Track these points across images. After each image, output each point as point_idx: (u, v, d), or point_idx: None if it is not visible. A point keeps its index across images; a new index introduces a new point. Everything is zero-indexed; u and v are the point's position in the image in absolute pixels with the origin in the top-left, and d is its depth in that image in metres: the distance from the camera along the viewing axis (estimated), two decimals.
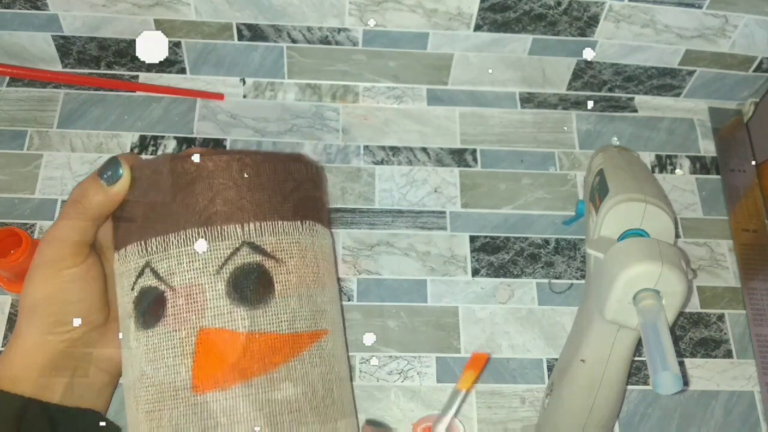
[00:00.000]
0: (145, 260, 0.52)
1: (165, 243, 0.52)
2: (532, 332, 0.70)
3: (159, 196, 0.53)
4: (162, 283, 0.52)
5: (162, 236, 0.52)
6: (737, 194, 0.79)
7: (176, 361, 0.50)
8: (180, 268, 0.51)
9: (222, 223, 0.52)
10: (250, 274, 0.52)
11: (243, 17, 0.74)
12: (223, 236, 0.52)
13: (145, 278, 0.52)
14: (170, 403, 0.50)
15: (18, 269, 0.63)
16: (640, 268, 0.52)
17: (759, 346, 0.71)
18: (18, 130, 0.76)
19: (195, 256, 0.52)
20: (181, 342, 0.50)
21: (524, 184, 0.77)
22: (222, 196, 0.53)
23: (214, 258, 0.52)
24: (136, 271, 0.53)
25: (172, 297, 0.51)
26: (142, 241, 0.53)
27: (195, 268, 0.51)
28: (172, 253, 0.52)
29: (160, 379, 0.51)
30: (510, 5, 0.73)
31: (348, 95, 0.81)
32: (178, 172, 0.53)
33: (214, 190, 0.53)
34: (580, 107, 0.83)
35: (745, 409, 0.69)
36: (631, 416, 0.68)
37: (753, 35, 0.75)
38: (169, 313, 0.51)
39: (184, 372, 0.50)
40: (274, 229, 0.53)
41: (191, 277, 0.51)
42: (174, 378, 0.50)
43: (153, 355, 0.51)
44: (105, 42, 0.76)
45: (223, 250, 0.52)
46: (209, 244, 0.52)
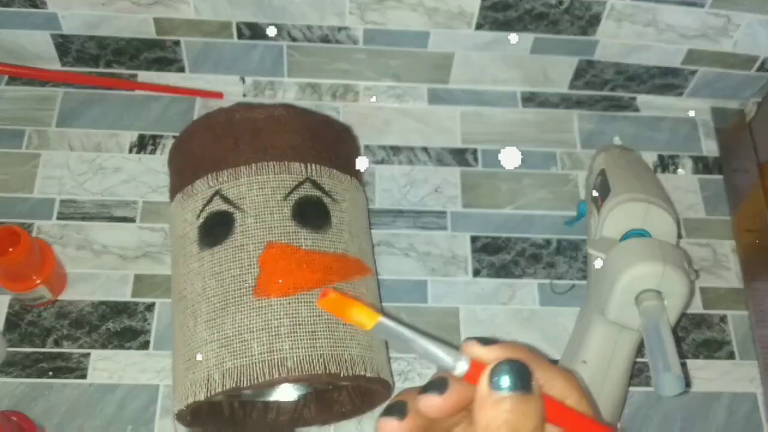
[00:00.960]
0: (214, 189, 0.59)
1: (236, 173, 0.59)
2: (533, 333, 0.70)
3: (230, 138, 0.60)
4: (231, 206, 0.58)
5: (233, 168, 0.59)
6: (740, 194, 0.79)
7: (243, 271, 0.56)
8: (251, 194, 0.58)
9: (289, 160, 0.60)
10: (312, 204, 0.59)
11: (242, 16, 0.73)
12: (290, 171, 0.59)
13: (213, 204, 0.58)
14: (233, 309, 0.55)
15: (16, 267, 0.63)
16: (642, 269, 0.52)
17: (762, 348, 0.71)
18: (16, 129, 0.76)
19: (265, 184, 0.58)
20: (248, 254, 0.56)
21: (525, 184, 0.77)
22: (288, 139, 0.60)
23: (281, 187, 0.59)
24: (204, 200, 0.59)
25: (241, 217, 0.57)
26: (213, 173, 0.59)
27: (264, 194, 0.58)
28: (243, 181, 0.58)
29: (225, 288, 0.56)
30: (511, 4, 0.72)
31: (348, 94, 0.81)
32: (250, 118, 0.61)
33: (282, 134, 0.61)
34: (581, 107, 0.82)
35: (747, 411, 0.68)
36: (633, 417, 0.67)
37: (756, 35, 0.75)
38: (238, 231, 0.57)
39: (250, 280, 0.55)
40: (330, 174, 0.61)
41: (261, 201, 0.58)
42: (239, 285, 0.56)
43: (219, 268, 0.56)
44: (104, 41, 0.76)
45: (289, 182, 0.59)
46: (277, 176, 0.59)
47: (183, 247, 0.59)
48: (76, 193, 0.73)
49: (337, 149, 0.64)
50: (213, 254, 0.57)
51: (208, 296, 0.56)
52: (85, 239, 0.71)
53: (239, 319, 0.54)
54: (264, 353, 0.53)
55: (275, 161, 0.59)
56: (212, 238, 0.58)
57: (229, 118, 0.61)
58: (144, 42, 0.76)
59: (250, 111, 0.61)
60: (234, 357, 0.53)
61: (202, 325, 0.55)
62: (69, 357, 0.66)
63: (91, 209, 0.72)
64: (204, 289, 0.56)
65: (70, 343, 0.67)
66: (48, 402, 0.64)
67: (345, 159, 0.64)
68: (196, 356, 0.55)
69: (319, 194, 0.60)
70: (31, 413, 0.63)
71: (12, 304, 0.68)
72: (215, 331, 0.55)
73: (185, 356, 0.56)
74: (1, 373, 0.65)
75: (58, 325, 0.67)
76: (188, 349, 0.56)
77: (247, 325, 0.54)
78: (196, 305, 0.56)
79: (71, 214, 0.72)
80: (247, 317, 0.54)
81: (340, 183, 0.62)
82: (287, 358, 0.53)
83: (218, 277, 0.56)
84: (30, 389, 0.65)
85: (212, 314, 0.55)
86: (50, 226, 0.71)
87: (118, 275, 0.70)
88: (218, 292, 0.56)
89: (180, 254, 0.60)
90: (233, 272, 0.56)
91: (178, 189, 0.61)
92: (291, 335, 0.54)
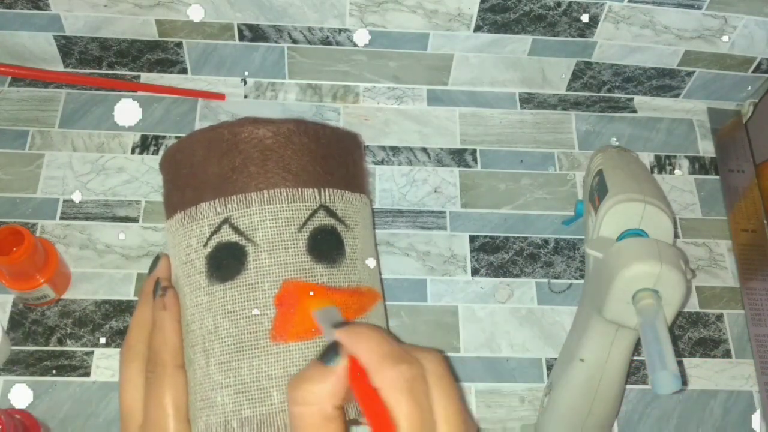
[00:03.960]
0: (223, 217, 0.54)
1: (246, 200, 0.54)
2: (531, 332, 0.71)
3: (238, 157, 0.56)
4: (243, 238, 0.54)
5: (243, 194, 0.54)
6: (736, 194, 0.79)
7: (259, 312, 0.52)
8: (263, 225, 0.54)
9: (302, 185, 0.55)
10: (327, 235, 0.55)
11: (244, 18, 0.74)
12: (303, 198, 0.55)
13: (223, 234, 0.54)
14: (249, 353, 0.52)
15: (20, 267, 0.63)
16: (639, 268, 0.52)
17: (757, 346, 0.71)
18: (20, 129, 0.76)
19: (279, 214, 0.54)
20: (264, 293, 0.52)
21: (524, 185, 0.78)
22: (299, 161, 0.56)
23: (295, 218, 0.54)
24: (212, 227, 0.54)
25: (254, 251, 0.53)
26: (220, 198, 0.55)
27: (278, 225, 0.54)
28: (254, 210, 0.54)
29: (240, 330, 0.52)
30: (510, 6, 0.73)
31: (348, 95, 0.81)
32: (258, 136, 0.56)
33: (292, 154, 0.56)
34: (579, 108, 0.83)
35: (743, 409, 0.69)
36: (630, 416, 0.68)
37: (752, 36, 0.76)
38: (251, 267, 0.53)
39: (266, 322, 0.52)
40: (343, 198, 0.57)
41: (274, 233, 0.54)
42: (256, 328, 0.52)
43: (232, 307, 0.53)
44: (106, 42, 0.77)
45: (303, 211, 0.55)
46: (290, 204, 0.55)
47: (188, 276, 0.56)
48: (79, 193, 0.73)
49: (347, 165, 0.60)
50: (225, 290, 0.53)
51: (221, 336, 0.53)
52: (88, 239, 0.71)
53: (256, 364, 0.51)
54: (284, 402, 0.51)
55: (288, 188, 0.55)
56: (223, 272, 0.54)
57: (235, 134, 0.57)
58: (146, 44, 0.77)
59: (257, 126, 0.57)
60: (252, 405, 0.51)
61: (216, 367, 0.52)
62: (72, 355, 0.67)
63: (94, 209, 0.73)
64: (216, 327, 0.53)
65: (74, 341, 0.67)
66: (52, 400, 0.65)
67: (355, 174, 0.61)
68: (212, 399, 0.52)
69: (333, 223, 0.56)
70: (34, 411, 0.63)
71: (16, 303, 0.68)
72: (231, 375, 0.52)
73: (200, 395, 0.53)
74: (5, 371, 0.66)
75: (61, 323, 0.68)
76: (202, 390, 0.53)
77: (265, 371, 0.51)
78: (207, 344, 0.53)
79: (74, 214, 0.72)
80: (265, 363, 0.51)
81: (351, 205, 0.58)
82: None
83: (231, 317, 0.53)
84: (34, 387, 0.65)
85: (226, 356, 0.52)
86: (54, 225, 0.72)
87: (121, 274, 0.70)
88: (232, 333, 0.52)
89: (185, 282, 0.56)
90: (247, 312, 0.53)
91: (179, 207, 0.57)
92: None
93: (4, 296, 0.68)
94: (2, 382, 0.65)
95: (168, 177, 0.60)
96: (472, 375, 0.68)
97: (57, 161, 0.75)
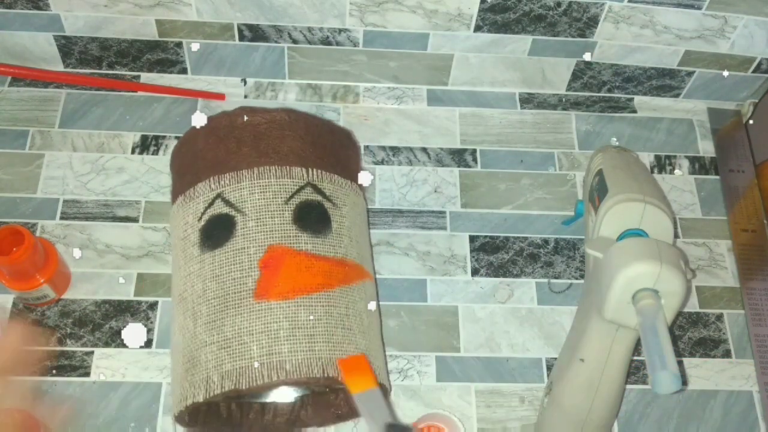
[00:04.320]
0: (216, 192, 0.59)
1: (238, 177, 0.59)
2: (531, 332, 0.71)
3: (233, 142, 0.61)
4: (233, 210, 0.58)
5: (235, 171, 0.59)
6: (736, 194, 0.79)
7: (243, 274, 0.56)
8: (252, 197, 0.58)
9: (290, 164, 0.60)
10: (313, 209, 0.60)
11: (244, 18, 0.74)
12: (291, 175, 0.60)
13: (215, 207, 0.59)
14: (233, 311, 0.55)
15: (20, 267, 0.63)
16: (639, 268, 0.52)
17: (757, 346, 0.71)
18: (20, 129, 0.76)
19: (267, 187, 0.59)
20: (249, 257, 0.56)
21: (524, 185, 0.78)
22: (290, 144, 0.61)
23: (283, 191, 0.59)
24: (206, 203, 0.59)
25: (242, 220, 0.58)
26: (215, 176, 0.60)
27: (266, 197, 0.58)
28: (245, 185, 0.59)
29: (225, 290, 0.56)
30: (510, 6, 0.73)
31: (348, 95, 0.81)
32: (252, 122, 0.61)
33: (284, 139, 0.61)
34: (579, 108, 0.83)
35: (743, 409, 0.69)
36: (630, 415, 0.68)
37: (752, 36, 0.76)
38: (239, 234, 0.57)
39: (250, 282, 0.56)
40: (331, 180, 0.62)
41: (262, 204, 0.58)
42: (240, 288, 0.56)
43: (219, 271, 0.57)
44: (107, 42, 0.77)
45: (290, 186, 0.59)
46: (278, 180, 0.59)
47: (184, 249, 0.60)
48: (79, 193, 0.73)
49: (338, 154, 0.64)
50: (214, 256, 0.57)
51: (208, 298, 0.56)
52: (88, 239, 0.71)
53: (239, 321, 0.55)
54: (263, 356, 0.53)
55: (277, 165, 0.60)
56: (213, 241, 0.58)
57: (232, 121, 0.62)
58: (146, 43, 0.77)
59: (253, 115, 0.62)
60: (233, 359, 0.54)
61: (202, 327, 0.56)
62: (72, 355, 0.67)
63: (94, 209, 0.73)
64: (204, 291, 0.57)
65: (74, 341, 0.67)
66: (52, 400, 0.65)
67: (346, 164, 0.65)
68: (196, 357, 0.55)
69: (320, 199, 0.60)
70: (35, 411, 0.63)
71: (16, 303, 0.68)
72: (215, 333, 0.55)
73: (185, 357, 0.56)
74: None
75: (61, 323, 0.68)
76: (188, 351, 0.56)
77: (246, 327, 0.54)
78: (196, 307, 0.57)
79: (74, 214, 0.72)
80: (247, 320, 0.55)
81: (340, 188, 0.62)
82: (286, 361, 0.53)
83: (218, 280, 0.56)
84: (34, 387, 0.65)
85: (212, 316, 0.56)
86: (54, 225, 0.72)
87: (121, 274, 0.70)
88: (218, 294, 0.56)
89: (181, 256, 0.60)
90: (234, 275, 0.56)
91: (180, 191, 0.62)
92: (290, 338, 0.54)
93: (4, 296, 0.68)
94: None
95: (174, 169, 0.64)
96: (472, 375, 0.68)
97: (57, 161, 0.75)
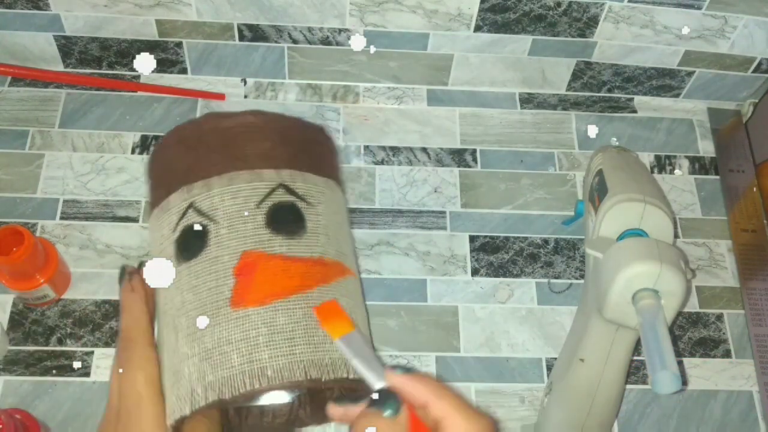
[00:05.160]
0: (188, 202, 0.58)
1: (208, 185, 0.58)
2: (531, 332, 0.71)
3: (202, 148, 0.59)
4: (205, 218, 0.57)
5: (206, 179, 0.58)
6: (736, 194, 0.80)
7: (219, 282, 0.55)
8: (223, 204, 0.57)
9: (261, 167, 0.59)
10: (286, 210, 0.58)
11: (244, 18, 0.74)
12: (262, 178, 0.58)
13: (188, 218, 0.57)
14: (212, 322, 0.54)
15: (20, 267, 0.63)
16: (639, 268, 0.52)
17: (758, 346, 0.71)
18: (20, 129, 0.76)
19: (238, 193, 0.57)
20: (224, 265, 0.55)
21: (524, 185, 0.78)
22: (260, 147, 0.60)
23: (254, 195, 0.58)
24: (179, 213, 0.58)
25: (215, 229, 0.57)
26: (186, 186, 0.58)
27: (237, 203, 0.57)
28: (215, 192, 0.57)
29: (203, 301, 0.55)
30: (510, 6, 0.73)
31: (348, 95, 0.81)
32: (220, 128, 0.60)
33: (253, 142, 0.60)
34: (579, 108, 0.83)
35: (743, 409, 0.69)
36: (630, 415, 0.68)
37: (752, 36, 0.76)
38: (212, 242, 0.56)
39: (226, 291, 0.54)
40: (304, 179, 0.60)
41: (234, 211, 0.57)
42: (216, 298, 0.55)
43: (196, 281, 0.56)
44: (106, 42, 0.77)
45: (261, 189, 0.58)
46: (249, 183, 0.58)
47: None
48: (79, 193, 0.73)
49: (311, 151, 0.63)
50: (189, 268, 0.56)
51: (186, 310, 0.56)
52: (88, 239, 0.71)
53: (218, 331, 0.54)
54: (243, 364, 0.53)
55: (247, 169, 0.58)
56: (188, 252, 0.57)
57: (199, 128, 0.61)
58: (146, 43, 0.77)
59: (219, 120, 0.61)
60: (215, 369, 0.53)
61: (183, 340, 0.55)
62: (72, 355, 0.67)
63: (94, 209, 0.73)
64: (183, 303, 0.56)
65: (74, 341, 0.67)
66: (51, 400, 0.65)
67: (319, 160, 0.63)
68: (180, 371, 0.55)
69: (293, 199, 0.59)
70: (34, 411, 0.63)
71: (16, 303, 0.68)
72: (195, 345, 0.54)
73: (170, 371, 0.55)
74: (5, 371, 0.66)
75: (61, 323, 0.68)
76: (171, 365, 0.55)
77: (226, 337, 0.54)
78: (176, 320, 0.56)
79: (74, 214, 0.72)
80: (226, 329, 0.54)
81: (314, 186, 0.61)
82: (267, 367, 0.53)
83: (195, 291, 0.55)
84: (33, 387, 0.65)
85: (192, 328, 0.55)
86: (54, 225, 0.72)
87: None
88: (196, 305, 0.55)
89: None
90: (209, 284, 0.55)
91: (155, 205, 0.61)
92: (269, 344, 0.53)
93: (4, 296, 0.68)
94: (2, 382, 0.65)
95: (149, 182, 0.63)
96: (472, 375, 0.68)
97: (57, 161, 0.75)
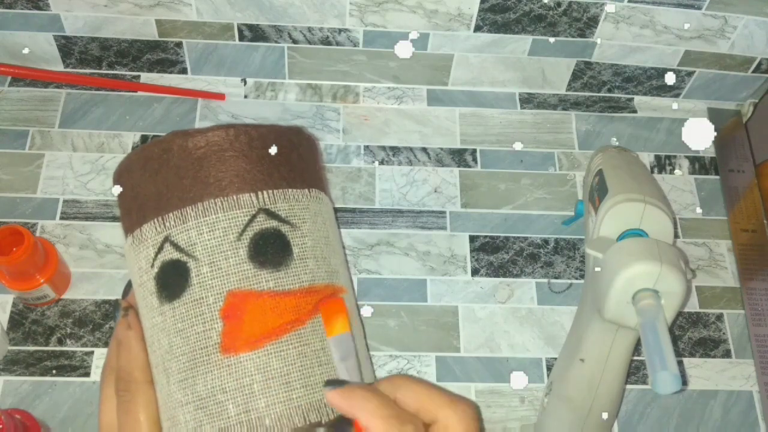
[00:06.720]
0: (163, 236, 0.54)
1: (183, 216, 0.54)
2: (531, 332, 0.71)
3: (171, 173, 0.55)
4: (184, 255, 0.53)
5: (179, 210, 0.54)
6: (736, 194, 0.80)
7: (206, 327, 0.52)
8: (201, 238, 0.53)
9: (236, 192, 0.54)
10: (269, 239, 0.54)
11: (244, 18, 0.74)
12: (240, 205, 0.54)
13: (165, 253, 0.54)
14: (203, 368, 0.52)
15: (20, 267, 0.63)
16: (639, 268, 0.52)
17: (758, 346, 0.71)
18: (20, 129, 0.76)
19: (215, 225, 0.53)
20: (209, 307, 0.52)
21: (524, 185, 0.78)
22: (233, 167, 0.55)
23: (233, 226, 0.54)
24: (155, 247, 0.54)
25: (195, 266, 0.53)
26: (158, 218, 0.54)
27: (216, 237, 0.53)
28: (191, 225, 0.53)
29: (191, 346, 0.52)
30: (510, 6, 0.73)
31: (348, 95, 0.81)
32: (188, 148, 0.55)
33: (226, 162, 0.55)
34: (579, 108, 0.83)
35: (743, 409, 0.69)
36: (630, 415, 0.68)
37: (752, 36, 0.76)
38: (194, 282, 0.53)
39: (215, 336, 0.52)
40: (286, 197, 0.56)
41: (213, 246, 0.53)
42: (205, 343, 0.52)
43: (182, 324, 0.53)
44: (107, 42, 0.77)
45: (241, 218, 0.54)
46: (226, 213, 0.54)
47: (144, 298, 0.56)
48: (79, 193, 0.73)
49: (289, 162, 0.59)
50: (174, 309, 0.53)
51: (176, 354, 0.53)
52: (88, 239, 0.71)
53: (210, 379, 0.52)
54: (240, 414, 0.51)
55: (222, 197, 0.54)
56: (170, 291, 0.54)
57: (165, 150, 0.56)
58: (146, 43, 0.77)
59: (186, 139, 0.56)
60: (211, 419, 0.52)
61: (175, 386, 0.53)
62: (72, 355, 0.67)
63: (94, 209, 0.73)
64: (171, 346, 0.53)
65: (74, 341, 0.67)
66: (51, 400, 0.65)
67: (300, 170, 0.59)
68: (176, 417, 0.53)
69: (275, 225, 0.55)
70: (34, 411, 0.63)
71: (16, 303, 0.68)
72: (189, 393, 0.52)
73: (164, 414, 0.54)
74: (5, 371, 0.66)
75: (61, 323, 0.68)
76: (166, 408, 0.54)
77: (219, 385, 0.52)
78: (166, 363, 0.54)
79: (74, 214, 0.72)
80: (218, 377, 0.52)
81: (297, 202, 0.57)
82: (264, 417, 0.51)
83: (182, 335, 0.53)
84: (34, 387, 0.65)
85: (183, 374, 0.53)
86: (54, 225, 0.72)
87: (120, 274, 0.70)
88: (185, 350, 0.53)
89: (142, 304, 0.57)
90: (197, 328, 0.52)
91: (128, 230, 0.57)
92: (265, 392, 0.51)
93: (4, 296, 0.68)
94: (2, 382, 0.65)
95: (119, 201, 0.59)
96: (472, 375, 0.68)
97: (57, 161, 0.75)
